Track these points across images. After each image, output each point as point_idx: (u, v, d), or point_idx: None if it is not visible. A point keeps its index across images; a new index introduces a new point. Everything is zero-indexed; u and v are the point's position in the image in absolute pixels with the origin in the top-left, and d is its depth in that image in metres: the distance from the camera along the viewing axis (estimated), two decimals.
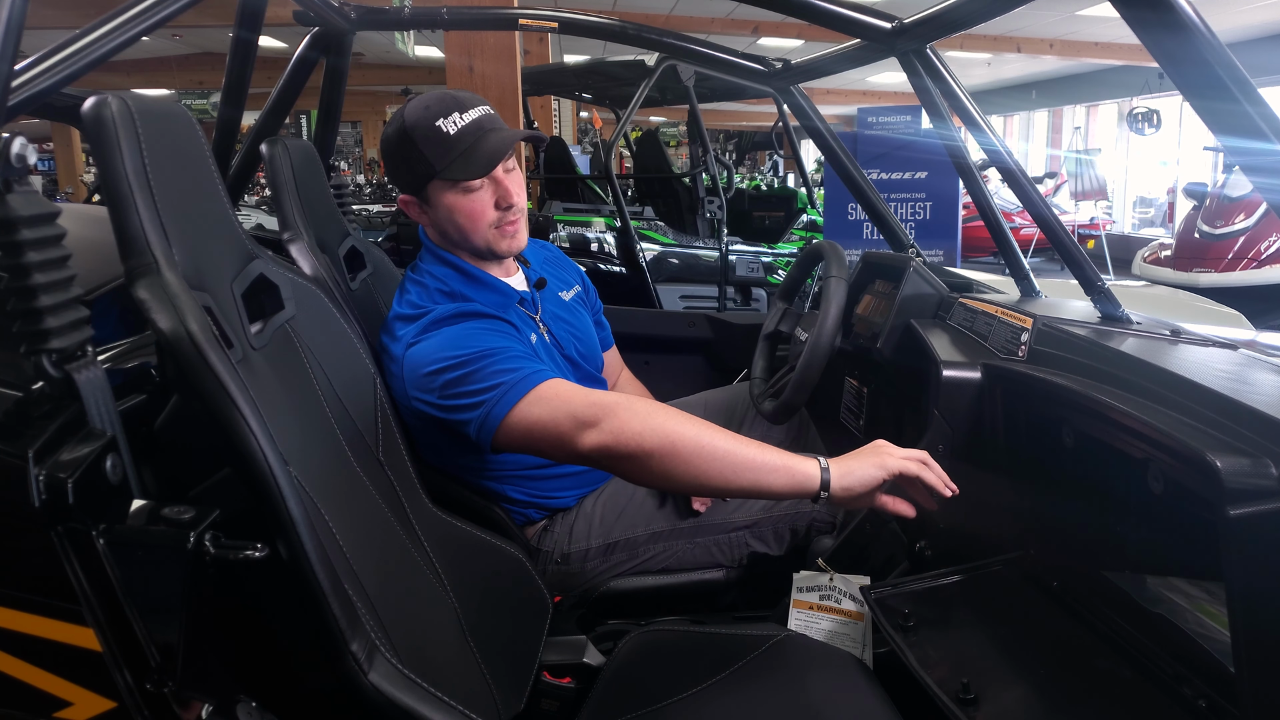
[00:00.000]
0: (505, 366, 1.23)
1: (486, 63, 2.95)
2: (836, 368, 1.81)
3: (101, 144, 0.80)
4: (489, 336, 1.29)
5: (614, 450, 1.15)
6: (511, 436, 1.22)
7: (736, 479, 1.14)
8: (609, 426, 1.15)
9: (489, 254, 1.41)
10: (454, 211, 1.36)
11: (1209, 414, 0.91)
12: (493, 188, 1.36)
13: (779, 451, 1.15)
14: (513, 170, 1.38)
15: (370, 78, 12.63)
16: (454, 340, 1.28)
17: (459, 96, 1.36)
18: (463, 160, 1.32)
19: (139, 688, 0.75)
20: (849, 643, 1.25)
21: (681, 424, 1.15)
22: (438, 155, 1.31)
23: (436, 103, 1.34)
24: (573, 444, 1.18)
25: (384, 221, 6.52)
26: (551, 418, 1.19)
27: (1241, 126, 0.92)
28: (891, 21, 1.45)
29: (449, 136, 1.31)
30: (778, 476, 1.14)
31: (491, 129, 1.35)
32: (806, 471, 1.13)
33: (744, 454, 1.13)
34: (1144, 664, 0.99)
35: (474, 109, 1.35)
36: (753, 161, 15.36)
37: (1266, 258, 5.89)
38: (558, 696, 1.24)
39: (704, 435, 1.14)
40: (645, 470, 1.15)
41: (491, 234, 1.38)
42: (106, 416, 0.77)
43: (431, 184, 1.35)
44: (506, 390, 1.21)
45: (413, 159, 1.33)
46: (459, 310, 1.32)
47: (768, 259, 4.54)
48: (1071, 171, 9.28)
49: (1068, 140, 12.35)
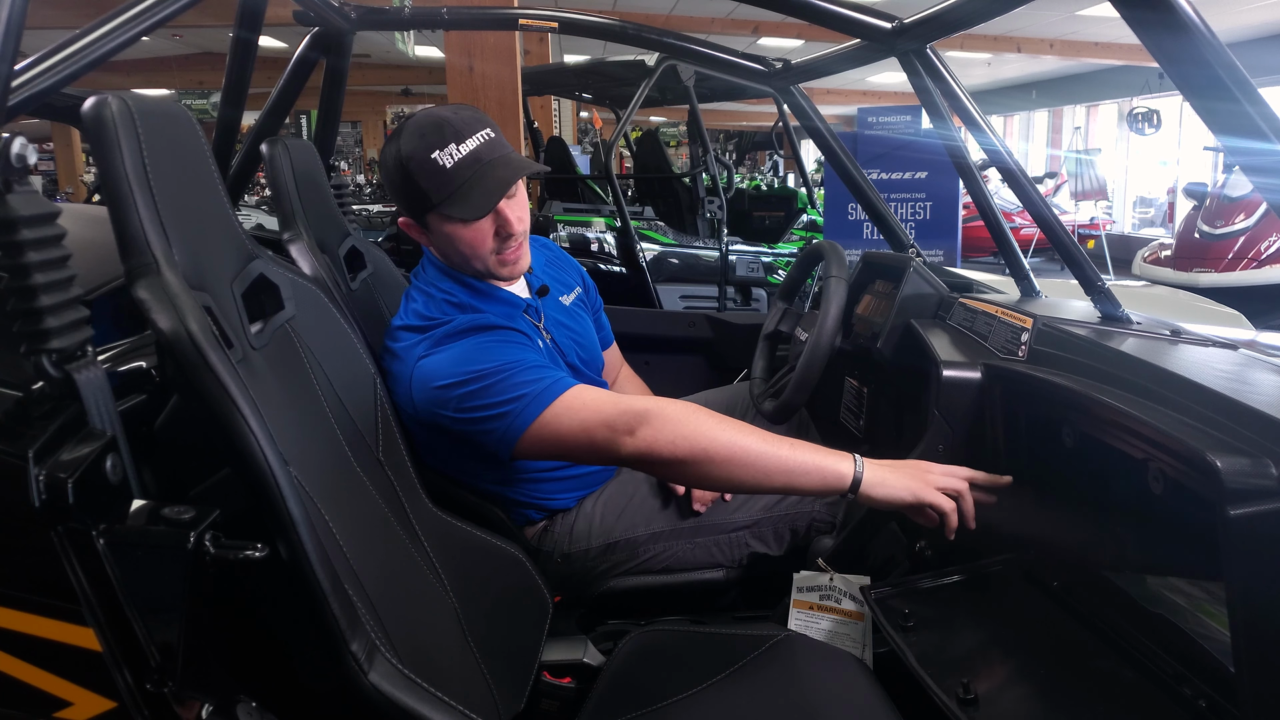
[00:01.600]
0: (527, 378, 1.23)
1: (486, 63, 2.95)
2: (836, 368, 1.81)
3: (101, 144, 0.79)
4: (506, 349, 1.27)
5: (650, 457, 1.18)
6: (535, 444, 1.23)
7: (769, 481, 1.17)
8: (645, 435, 1.16)
9: (492, 276, 1.39)
10: (453, 240, 1.32)
11: (1209, 414, 0.91)
12: (493, 217, 1.31)
13: (811, 448, 1.17)
14: (515, 195, 1.32)
15: (370, 78, 12.63)
16: (469, 354, 1.26)
17: (455, 124, 1.28)
18: (460, 196, 1.27)
19: (139, 688, 0.75)
20: (849, 643, 1.25)
21: (714, 430, 1.16)
22: (434, 189, 1.27)
23: (433, 131, 1.27)
24: (610, 450, 1.19)
25: (384, 221, 6.52)
26: (583, 426, 1.20)
27: (1241, 126, 0.92)
28: (891, 21, 1.45)
29: (445, 170, 1.26)
30: (810, 479, 1.16)
31: (490, 159, 1.28)
32: (839, 471, 1.15)
33: (777, 457, 1.15)
34: (1144, 664, 0.99)
35: (471, 137, 1.28)
36: (753, 161, 15.35)
37: (1266, 258, 5.89)
38: (558, 696, 1.24)
39: (737, 440, 1.15)
40: (681, 475, 1.20)
41: (492, 261, 1.35)
42: (106, 416, 0.77)
43: (430, 215, 1.31)
44: (530, 401, 1.21)
45: (410, 189, 1.29)
46: (472, 324, 1.31)
47: (768, 259, 4.54)
48: (1071, 171, 9.28)
49: (1068, 140, 12.35)
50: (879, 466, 1.17)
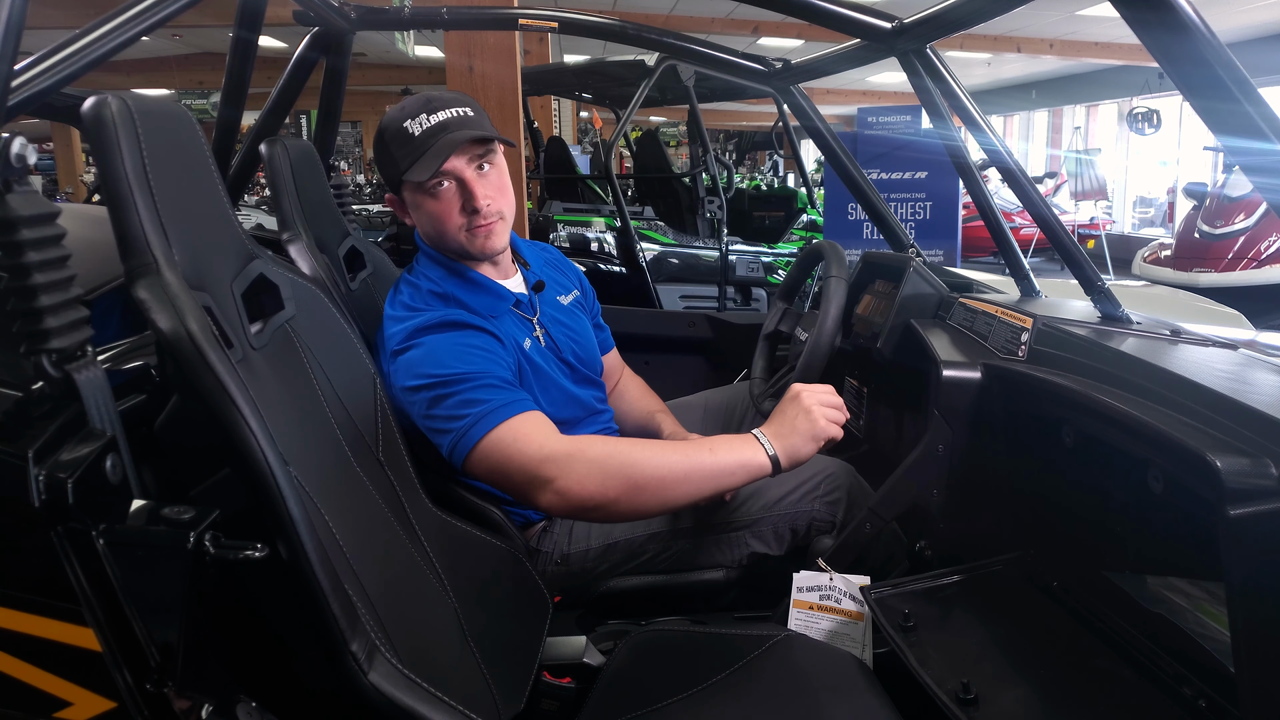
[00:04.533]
0: (477, 396, 1.24)
1: (486, 63, 2.95)
2: (836, 368, 1.81)
3: (101, 144, 0.79)
4: (469, 356, 1.28)
5: (574, 508, 1.21)
6: (479, 468, 1.25)
7: (700, 492, 1.24)
8: (561, 487, 1.18)
9: (467, 255, 1.40)
10: (422, 213, 1.37)
11: (1209, 414, 0.91)
12: (458, 190, 1.34)
13: (727, 446, 1.23)
14: (487, 172, 1.35)
15: (370, 78, 12.62)
16: (435, 356, 1.28)
17: (435, 98, 1.33)
18: (420, 162, 1.30)
19: (139, 688, 0.75)
20: (849, 643, 1.25)
21: (638, 459, 1.20)
22: (402, 155, 1.32)
23: (412, 103, 1.33)
24: (529, 499, 1.22)
25: (384, 221, 6.51)
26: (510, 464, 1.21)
27: (1241, 126, 0.92)
28: (891, 21, 1.45)
29: (413, 137, 1.30)
30: (735, 478, 1.24)
31: (457, 129, 1.30)
32: (759, 461, 1.23)
33: (702, 466, 1.21)
34: (1144, 664, 0.99)
35: (446, 110, 1.32)
36: (753, 161, 15.35)
37: (1266, 258, 5.89)
38: (558, 696, 1.24)
39: (662, 463, 1.20)
40: (614, 514, 1.22)
41: (462, 236, 1.36)
42: (106, 416, 0.77)
43: (403, 185, 1.36)
44: (475, 421, 1.23)
45: (385, 159, 1.35)
46: (444, 320, 1.32)
47: (768, 259, 4.54)
48: (1071, 171, 9.28)
49: (1068, 140, 12.35)
50: (779, 436, 1.23)
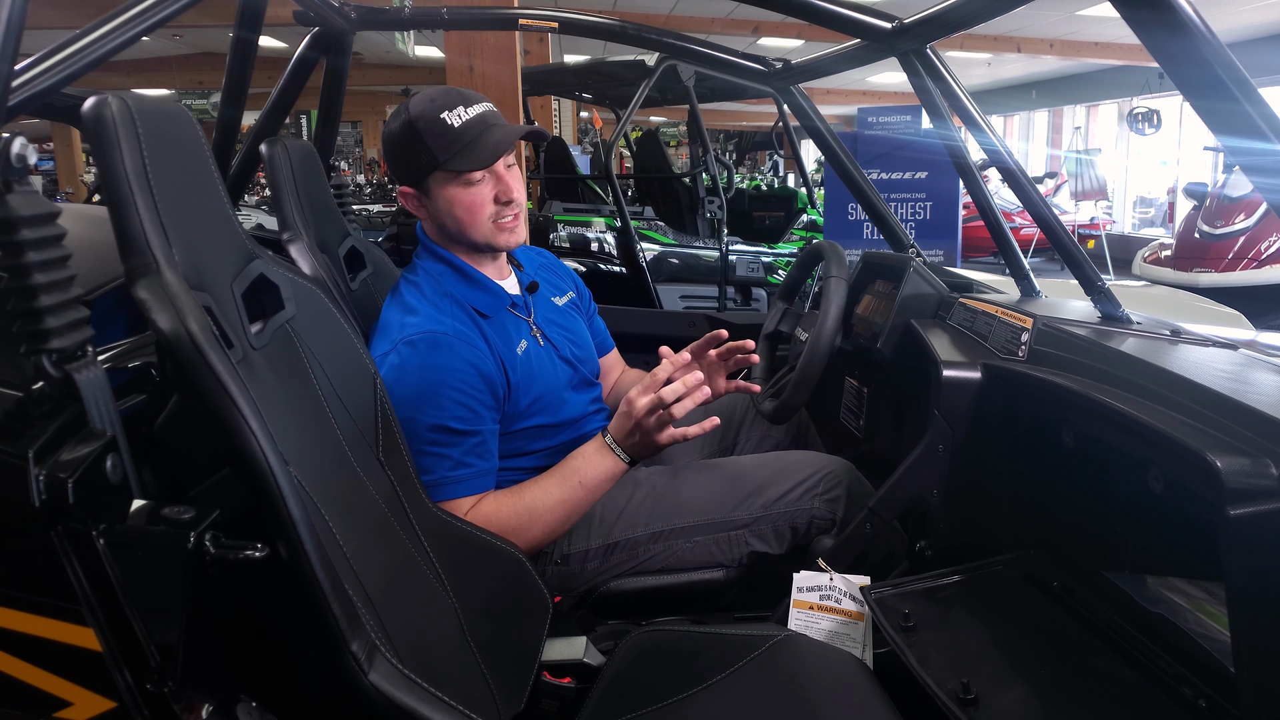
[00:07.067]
0: (457, 456, 1.33)
1: (486, 63, 2.95)
2: (836, 368, 1.82)
3: (101, 144, 0.79)
4: (450, 407, 1.32)
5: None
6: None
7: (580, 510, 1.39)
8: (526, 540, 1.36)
9: (486, 248, 1.43)
10: (453, 204, 1.38)
11: (1209, 414, 0.91)
12: (493, 181, 1.39)
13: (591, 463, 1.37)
14: (513, 166, 1.42)
15: (370, 78, 12.63)
16: (420, 393, 1.30)
17: (463, 92, 1.39)
18: (465, 152, 1.34)
19: (139, 688, 0.75)
20: (849, 643, 1.25)
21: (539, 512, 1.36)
22: (441, 146, 1.34)
23: (442, 96, 1.37)
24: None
25: (384, 221, 6.52)
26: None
27: (1241, 126, 0.92)
28: (891, 21, 1.45)
29: (453, 129, 1.34)
30: (604, 488, 1.38)
31: (495, 124, 1.38)
32: (620, 469, 1.38)
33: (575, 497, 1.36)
34: (1144, 664, 0.99)
35: (478, 104, 1.38)
36: (753, 161, 15.35)
37: (1266, 258, 5.90)
38: (558, 696, 1.24)
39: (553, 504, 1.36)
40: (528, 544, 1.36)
41: (490, 228, 1.40)
42: (106, 416, 0.77)
43: (433, 176, 1.38)
44: (448, 485, 1.33)
45: (416, 150, 1.36)
46: (433, 340, 1.33)
47: (768, 259, 4.54)
48: (1071, 171, 9.28)
49: (1068, 140, 12.35)
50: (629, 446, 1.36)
